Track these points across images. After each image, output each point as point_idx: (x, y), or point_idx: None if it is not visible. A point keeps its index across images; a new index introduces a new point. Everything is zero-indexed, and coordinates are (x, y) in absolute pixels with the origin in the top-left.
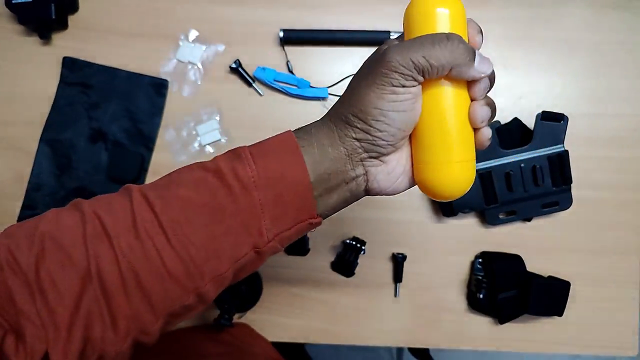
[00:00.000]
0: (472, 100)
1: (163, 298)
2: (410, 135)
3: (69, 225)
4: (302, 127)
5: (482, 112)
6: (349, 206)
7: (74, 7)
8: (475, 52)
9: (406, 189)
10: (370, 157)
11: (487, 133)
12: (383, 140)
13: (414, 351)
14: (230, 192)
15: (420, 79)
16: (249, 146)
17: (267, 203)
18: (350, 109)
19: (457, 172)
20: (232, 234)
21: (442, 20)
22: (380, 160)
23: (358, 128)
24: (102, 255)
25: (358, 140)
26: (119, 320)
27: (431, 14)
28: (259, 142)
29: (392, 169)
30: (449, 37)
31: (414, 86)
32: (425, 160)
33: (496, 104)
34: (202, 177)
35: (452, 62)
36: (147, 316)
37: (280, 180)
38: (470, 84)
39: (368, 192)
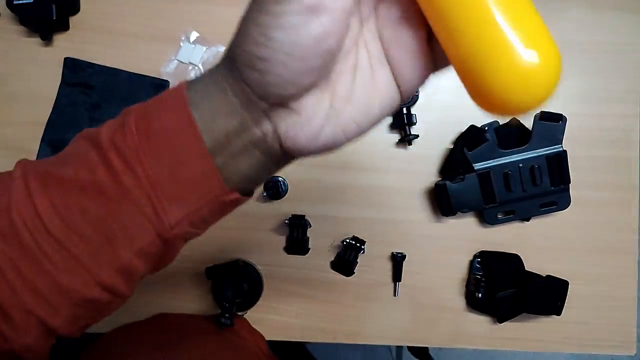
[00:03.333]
0: None
1: (54, 290)
2: (437, 31)
3: None
4: (203, 73)
5: None
6: (349, 206)
7: (75, 8)
8: None
9: (339, 145)
10: (272, 105)
11: None
12: (272, 73)
13: (413, 350)
14: (110, 169)
15: None
16: (138, 105)
17: (157, 180)
18: (235, 40)
19: (530, 58)
20: (121, 219)
21: None
22: (289, 109)
23: (242, 62)
24: None
25: (246, 81)
26: (13, 314)
27: None
28: (153, 97)
29: (309, 119)
30: None
31: None
32: (479, 63)
33: None
34: (84, 152)
35: None
36: (42, 310)
37: (168, 149)
38: None
39: (287, 153)
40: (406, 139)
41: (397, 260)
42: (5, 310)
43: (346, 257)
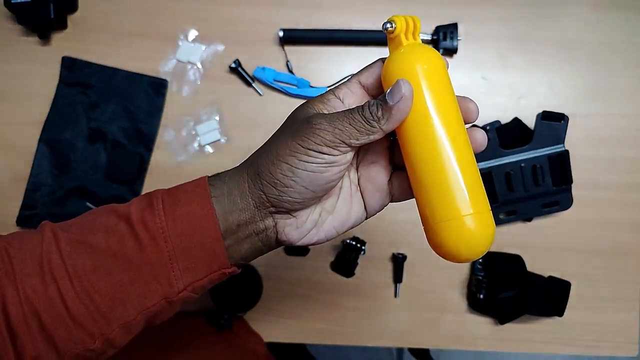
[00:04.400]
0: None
1: (66, 341)
2: (411, 187)
3: None
4: (219, 173)
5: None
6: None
7: (73, 7)
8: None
9: (321, 242)
10: (278, 212)
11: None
12: (289, 196)
13: (414, 351)
14: (138, 242)
15: (344, 149)
16: (163, 191)
17: (176, 254)
18: (264, 160)
19: (472, 228)
20: (139, 284)
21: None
22: (290, 215)
23: (266, 181)
24: (7, 294)
25: (265, 193)
26: (25, 358)
27: (408, 71)
28: (175, 187)
29: (302, 223)
30: (354, 110)
31: (332, 155)
32: (429, 218)
33: (497, 104)
34: (113, 225)
35: (355, 135)
36: (50, 357)
37: (189, 231)
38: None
39: (278, 242)
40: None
41: (398, 261)
42: (21, 355)
43: (346, 258)
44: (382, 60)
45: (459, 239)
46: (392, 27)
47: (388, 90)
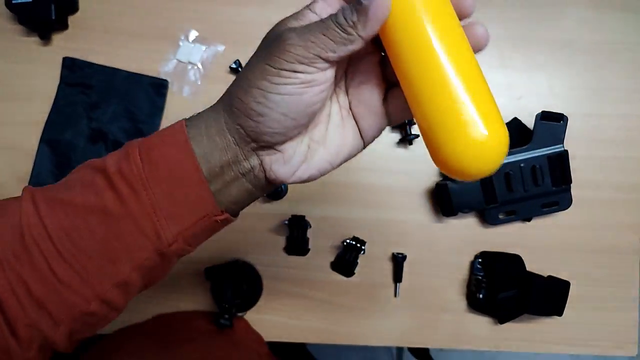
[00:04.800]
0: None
1: (59, 306)
2: (408, 101)
3: None
4: (199, 112)
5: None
6: (349, 206)
7: (74, 8)
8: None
9: (315, 177)
10: (261, 147)
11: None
12: (266, 126)
13: (413, 351)
14: (117, 193)
15: (322, 65)
16: (140, 140)
17: (158, 202)
18: (235, 90)
19: (482, 137)
20: (124, 238)
21: None
22: (274, 149)
23: (240, 111)
24: None
25: (241, 126)
26: (18, 328)
27: None
28: (153, 134)
29: (290, 157)
30: (326, 18)
31: (308, 72)
32: (432, 136)
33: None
34: (89, 179)
35: (329, 46)
36: (46, 324)
37: (169, 176)
38: None
39: (269, 182)
40: (407, 139)
41: (398, 261)
42: (13, 325)
43: (346, 258)
44: None
45: (467, 151)
46: None
47: None
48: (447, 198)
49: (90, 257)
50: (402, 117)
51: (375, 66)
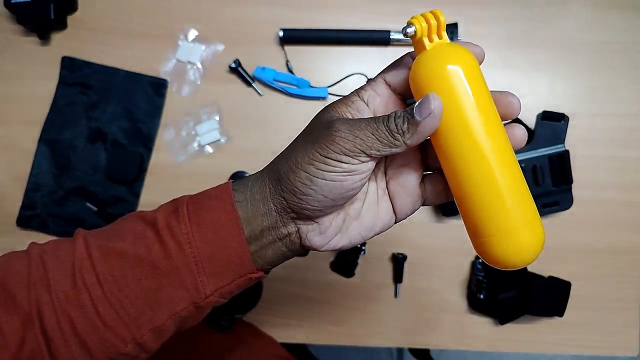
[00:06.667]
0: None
1: (99, 345)
2: (456, 201)
3: (17, 270)
4: (243, 178)
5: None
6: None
7: (73, 7)
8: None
9: (346, 247)
10: (300, 218)
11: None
12: (308, 204)
13: (414, 352)
14: (164, 247)
15: (364, 159)
16: (189, 197)
17: (202, 259)
18: (283, 166)
19: (525, 239)
20: (167, 289)
21: (452, 80)
22: (312, 221)
23: (286, 188)
24: (42, 301)
25: (285, 199)
26: None
27: (437, 75)
28: (201, 192)
29: (325, 229)
30: (378, 119)
31: (351, 164)
32: (476, 231)
33: None
34: (140, 231)
35: (376, 147)
36: None
37: (214, 237)
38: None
39: (303, 247)
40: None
41: (398, 261)
42: (56, 359)
43: (346, 258)
44: (411, 55)
45: (509, 250)
46: (412, 31)
47: (417, 104)
48: None
49: (133, 303)
50: (436, 201)
51: (416, 151)
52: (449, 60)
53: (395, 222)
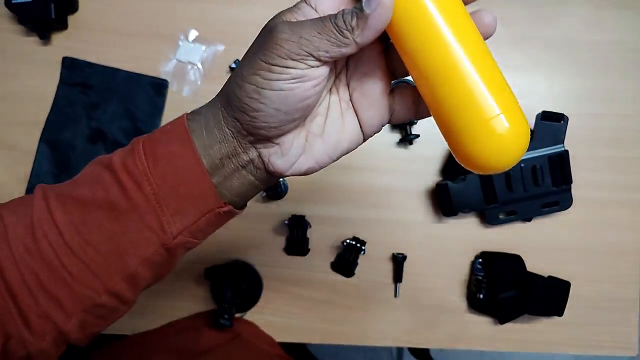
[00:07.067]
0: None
1: (70, 298)
2: (423, 92)
3: None
4: (200, 107)
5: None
6: (349, 206)
7: (73, 7)
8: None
9: (314, 170)
10: (258, 140)
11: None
12: (261, 121)
13: (414, 351)
14: (122, 188)
15: (313, 62)
16: (145, 136)
17: (162, 197)
18: (231, 84)
19: (503, 131)
20: (131, 232)
21: None
22: (271, 142)
23: (236, 106)
24: (2, 256)
25: (238, 120)
26: (31, 319)
27: None
28: (157, 130)
29: (287, 150)
30: (325, 17)
31: (299, 68)
32: (450, 126)
33: None
34: (97, 175)
35: (325, 47)
36: (57, 314)
37: (172, 170)
38: None
39: (270, 174)
40: (407, 139)
41: (398, 261)
42: (26, 316)
43: (346, 258)
44: None
45: (491, 146)
46: None
47: None
48: (447, 198)
49: (98, 251)
50: (405, 116)
51: (379, 56)
52: None
53: (364, 139)
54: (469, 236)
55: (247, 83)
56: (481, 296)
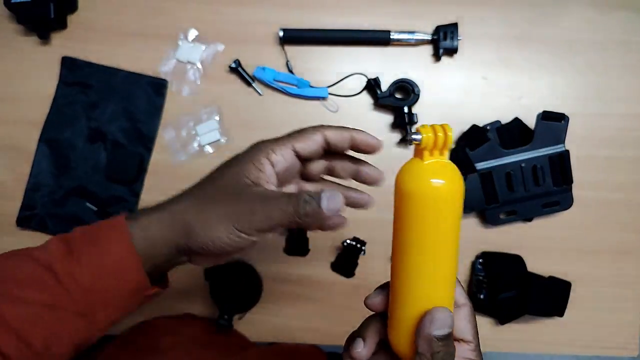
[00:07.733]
0: None
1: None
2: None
3: None
4: (140, 212)
5: None
6: (349, 206)
7: (73, 7)
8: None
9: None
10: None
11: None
12: (208, 254)
13: None
14: (70, 296)
15: (270, 234)
16: (80, 231)
17: (104, 301)
18: (195, 223)
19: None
20: (68, 325)
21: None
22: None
23: (194, 242)
24: None
25: (189, 246)
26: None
27: (420, 191)
28: (94, 229)
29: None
30: (289, 200)
31: (260, 238)
32: (394, 300)
33: (497, 104)
34: (38, 275)
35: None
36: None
37: (114, 284)
38: None
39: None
40: (407, 139)
41: None
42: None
43: (346, 258)
44: (321, 131)
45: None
46: (418, 139)
47: (326, 196)
48: None
49: (40, 342)
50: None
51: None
52: (437, 184)
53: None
54: (470, 236)
55: (216, 234)
56: (482, 296)
